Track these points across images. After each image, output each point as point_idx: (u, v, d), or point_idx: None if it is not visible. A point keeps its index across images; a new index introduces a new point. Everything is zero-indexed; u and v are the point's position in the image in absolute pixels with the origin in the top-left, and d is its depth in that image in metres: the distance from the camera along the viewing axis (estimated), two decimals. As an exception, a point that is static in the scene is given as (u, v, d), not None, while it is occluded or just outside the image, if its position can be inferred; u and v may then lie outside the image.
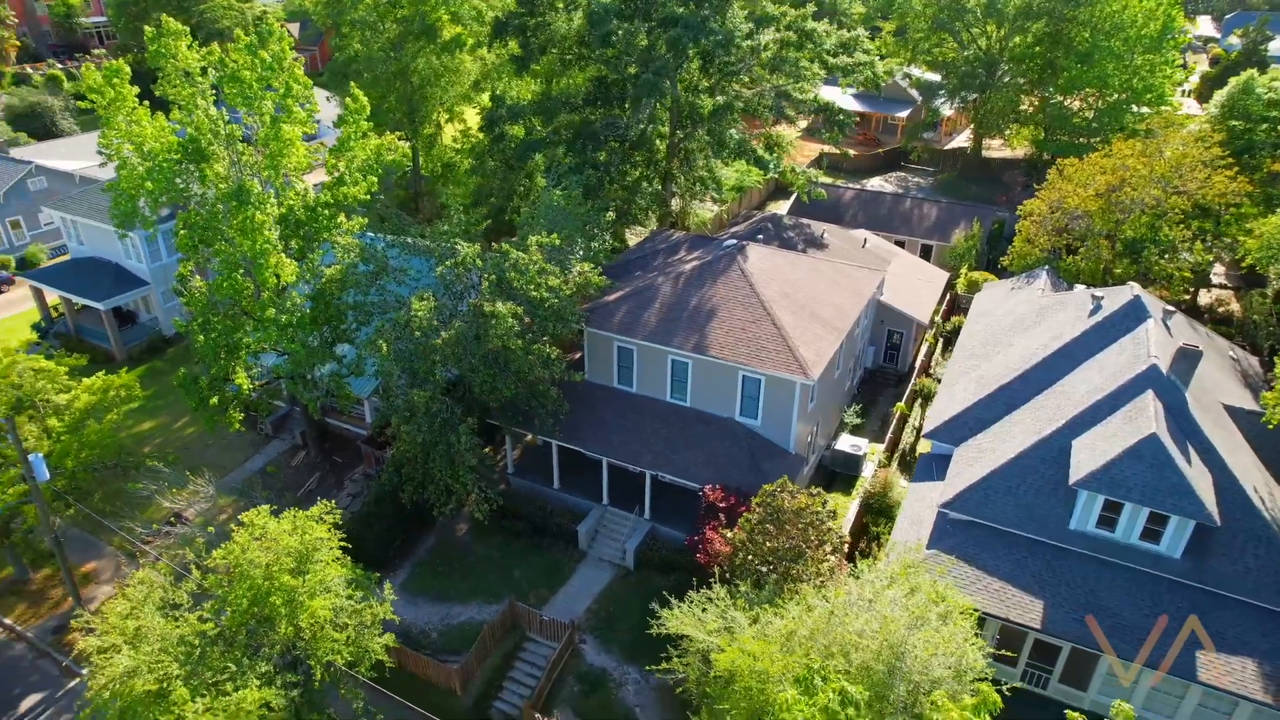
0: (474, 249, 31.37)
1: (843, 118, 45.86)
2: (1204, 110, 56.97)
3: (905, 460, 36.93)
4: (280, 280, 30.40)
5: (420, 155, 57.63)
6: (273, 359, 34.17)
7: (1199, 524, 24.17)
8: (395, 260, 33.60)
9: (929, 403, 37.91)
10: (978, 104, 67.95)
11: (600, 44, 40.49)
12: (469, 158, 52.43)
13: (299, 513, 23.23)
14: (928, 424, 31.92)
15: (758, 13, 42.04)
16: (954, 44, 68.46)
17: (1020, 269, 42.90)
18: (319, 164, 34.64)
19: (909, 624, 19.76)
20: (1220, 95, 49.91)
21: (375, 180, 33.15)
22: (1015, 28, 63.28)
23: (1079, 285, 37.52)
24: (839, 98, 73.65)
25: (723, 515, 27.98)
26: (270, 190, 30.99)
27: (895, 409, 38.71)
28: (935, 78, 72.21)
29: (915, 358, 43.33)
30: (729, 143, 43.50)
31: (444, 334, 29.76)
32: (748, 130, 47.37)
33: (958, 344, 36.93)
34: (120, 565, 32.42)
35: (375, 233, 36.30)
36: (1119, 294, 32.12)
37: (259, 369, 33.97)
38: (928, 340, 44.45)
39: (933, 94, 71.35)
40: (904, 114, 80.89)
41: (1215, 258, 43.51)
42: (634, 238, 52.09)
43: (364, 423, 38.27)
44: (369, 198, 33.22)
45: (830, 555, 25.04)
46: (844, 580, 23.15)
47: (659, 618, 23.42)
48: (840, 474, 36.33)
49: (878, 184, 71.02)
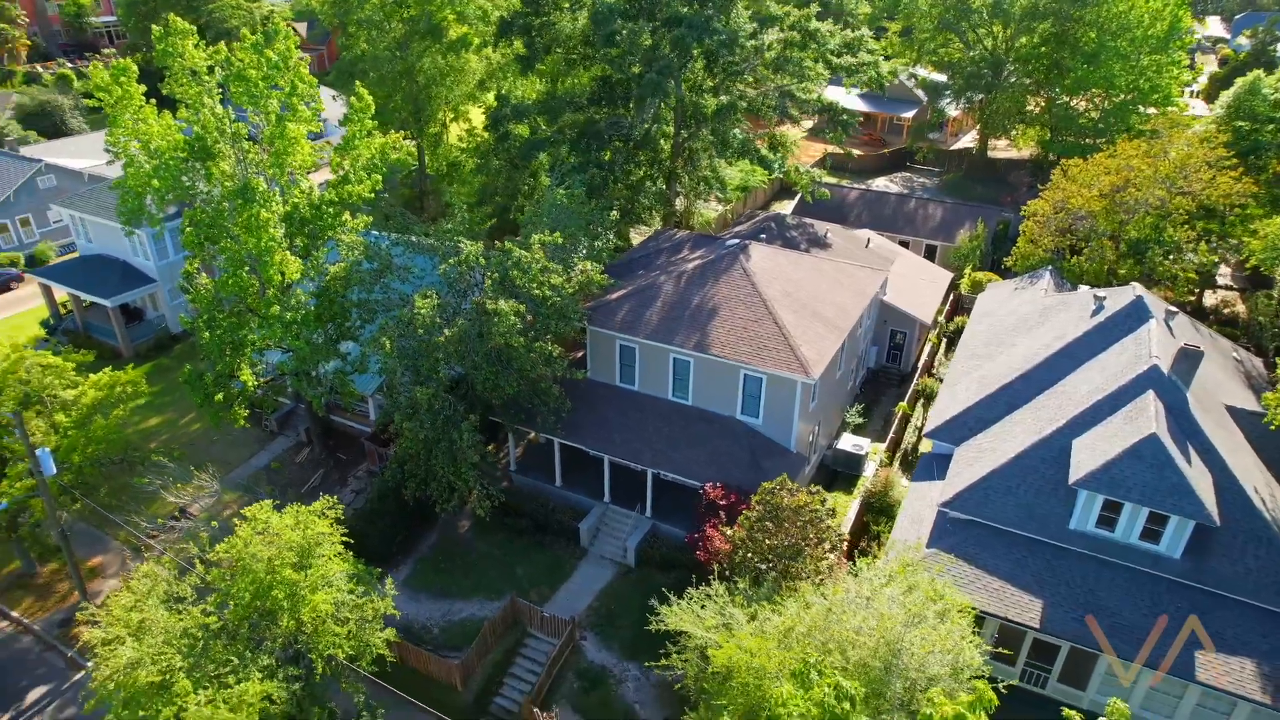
0: (477, 247, 31.56)
1: (846, 118, 45.91)
2: (1211, 111, 56.74)
3: (907, 460, 36.97)
4: (285, 278, 30.61)
5: (426, 154, 57.91)
6: (277, 356, 34.41)
7: (1199, 524, 24.16)
8: (399, 258, 33.85)
9: (931, 402, 37.93)
10: (983, 104, 67.80)
11: (604, 43, 40.62)
12: (474, 157, 52.64)
13: (301, 508, 23.43)
14: (929, 423, 31.96)
15: (762, 13, 42.07)
16: (960, 44, 68.35)
17: (1024, 269, 42.81)
18: (324, 162, 34.84)
19: (906, 621, 19.83)
20: (1226, 96, 49.77)
21: (380, 179, 33.35)
22: (1021, 28, 63.14)
23: (1083, 286, 37.47)
24: (844, 98, 73.70)
25: (723, 513, 28.08)
26: (275, 188, 31.23)
27: (897, 409, 38.73)
28: (941, 78, 72.09)
29: (918, 358, 43.33)
30: (733, 142, 43.58)
31: (447, 332, 29.95)
32: (752, 130, 47.42)
33: (960, 344, 36.94)
34: (126, 560, 32.74)
35: (380, 231, 36.53)
36: (1121, 294, 32.10)
37: (264, 366, 34.19)
38: (931, 340, 44.44)
39: (938, 94, 71.25)
40: (910, 114, 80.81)
41: (1220, 259, 43.38)
42: (638, 237, 52.22)
43: (368, 420, 38.49)
44: (373, 196, 33.43)
45: (829, 553, 25.12)
46: (843, 578, 23.22)
47: (658, 614, 23.58)
48: (842, 473, 36.39)
49: (883, 184, 70.96)
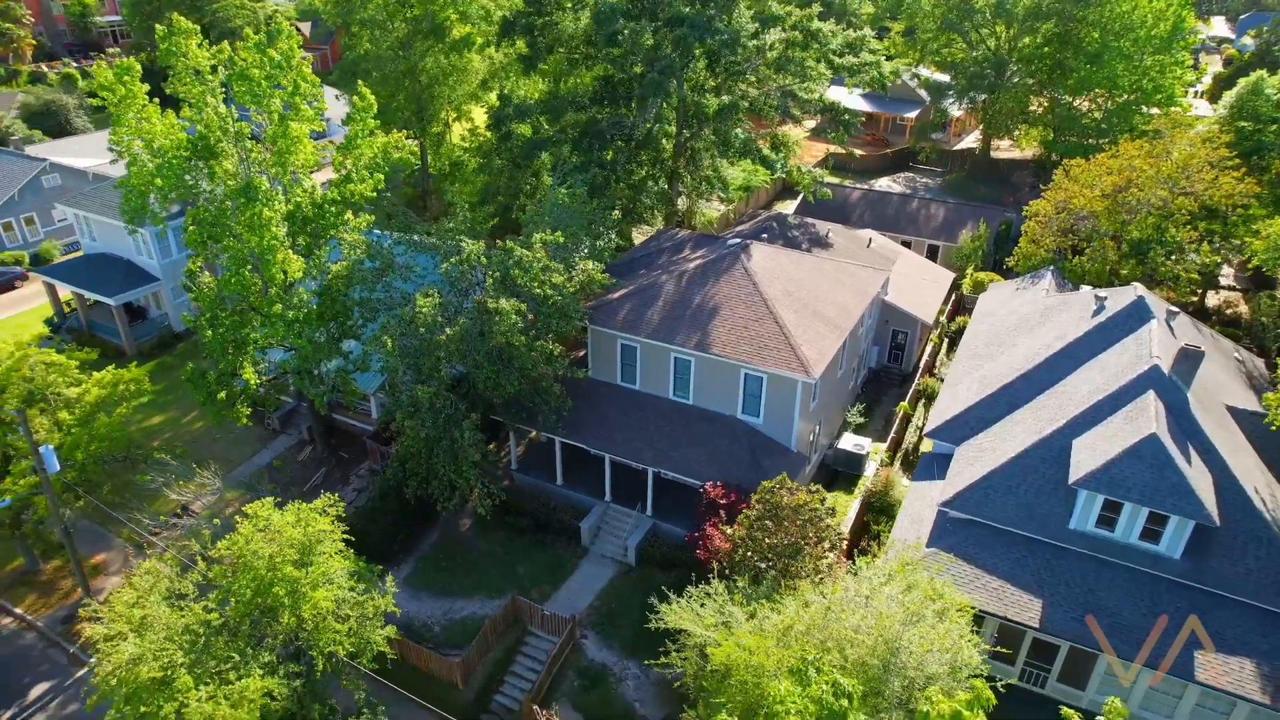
0: (479, 246, 31.65)
1: (848, 117, 45.95)
2: (1214, 111, 56.66)
3: (908, 459, 36.97)
4: (287, 276, 30.72)
5: (428, 153, 58.02)
6: (280, 354, 34.53)
7: (1199, 524, 24.15)
8: (401, 257, 33.94)
9: (932, 402, 37.92)
10: (986, 104, 67.74)
11: (607, 43, 40.70)
12: (476, 156, 52.78)
13: (302, 505, 23.52)
14: (930, 423, 31.97)
15: (764, 13, 42.11)
16: (963, 44, 68.28)
17: (1025, 270, 42.79)
18: (327, 161, 34.94)
19: (904, 620, 19.87)
20: (1229, 96, 49.70)
21: (382, 178, 33.46)
22: (1024, 28, 63.05)
23: (1084, 286, 37.44)
24: (847, 98, 73.66)
25: (723, 512, 28.13)
26: (278, 187, 31.34)
27: (898, 408, 38.74)
28: (944, 78, 72.04)
29: (920, 358, 43.34)
30: (734, 142, 43.63)
31: (448, 330, 30.03)
32: (754, 130, 47.45)
33: (961, 344, 36.94)
34: (129, 557, 32.87)
35: (382, 230, 36.62)
36: (1122, 294, 32.09)
37: (266, 364, 34.31)
38: (932, 340, 44.43)
39: (941, 94, 71.19)
40: (912, 114, 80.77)
41: (1223, 259, 43.31)
42: (640, 236, 52.29)
43: (370, 418, 38.59)
44: (375, 195, 33.54)
45: (828, 552, 25.16)
46: (842, 577, 23.26)
47: (658, 613, 23.64)
48: (843, 473, 36.41)
49: (885, 184, 70.93)
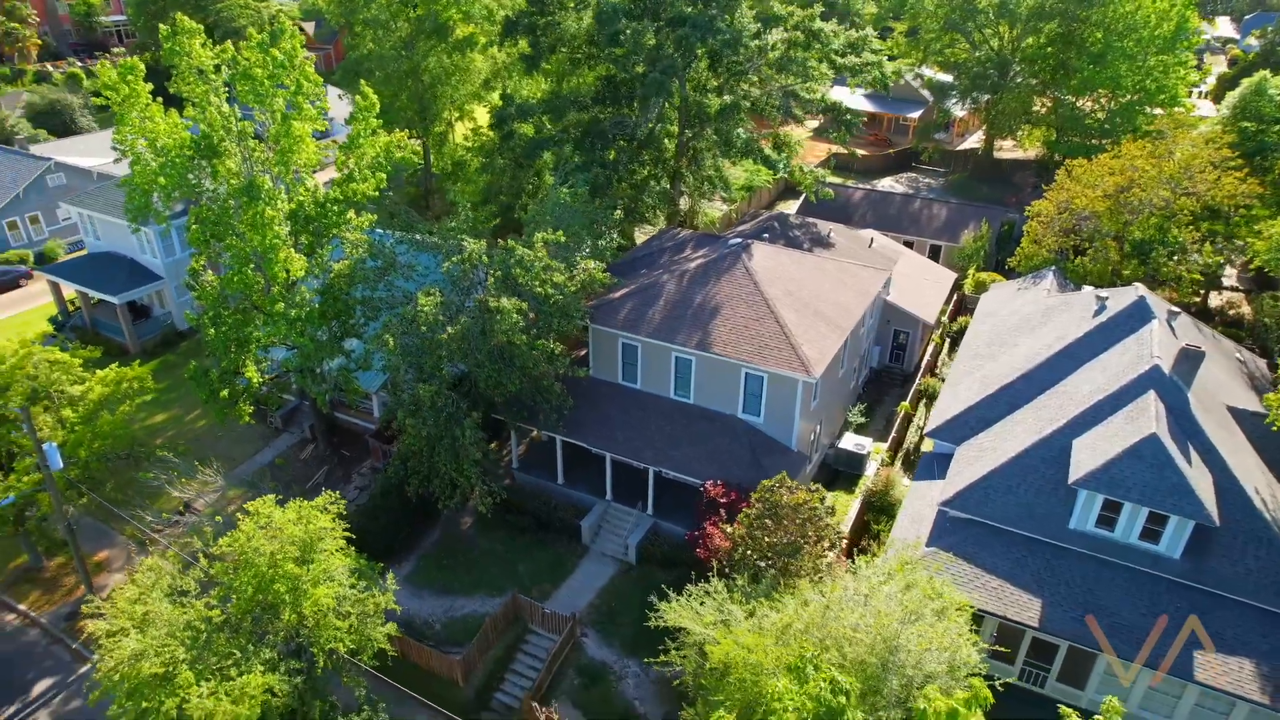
0: (480, 245, 31.72)
1: (850, 118, 45.94)
2: (1218, 111, 56.55)
3: (909, 459, 37.00)
4: (290, 275, 30.83)
5: (431, 153, 58.16)
6: (282, 353, 34.65)
7: (1198, 524, 24.15)
8: (403, 256, 34.03)
9: (933, 402, 37.91)
10: (989, 105, 67.70)
11: (609, 43, 40.77)
12: (479, 156, 52.87)
13: (304, 503, 23.61)
14: (930, 423, 31.99)
15: (766, 13, 42.15)
16: (966, 44, 68.22)
17: (1027, 270, 42.79)
18: (330, 161, 35.05)
19: (903, 619, 19.91)
20: (1232, 96, 49.62)
21: (384, 177, 33.57)
22: (1028, 28, 62.97)
23: (1086, 286, 37.42)
24: (851, 98, 73.67)
25: (723, 511, 28.18)
26: (281, 186, 31.45)
27: (899, 408, 38.78)
28: (947, 78, 71.97)
29: (921, 358, 43.35)
30: (736, 142, 43.66)
31: (450, 329, 30.12)
32: (756, 130, 47.48)
33: (962, 344, 36.95)
34: (131, 554, 33.01)
35: (384, 229, 36.72)
36: (1124, 295, 32.09)
37: (269, 363, 34.43)
38: (934, 340, 44.45)
39: (944, 95, 71.14)
40: (916, 114, 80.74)
41: (1225, 260, 43.24)
42: (643, 236, 52.35)
43: (372, 417, 38.71)
44: (378, 194, 33.65)
45: (828, 551, 25.19)
46: (841, 576, 23.30)
47: (658, 611, 23.71)
48: (844, 472, 36.44)
49: (888, 184, 70.91)
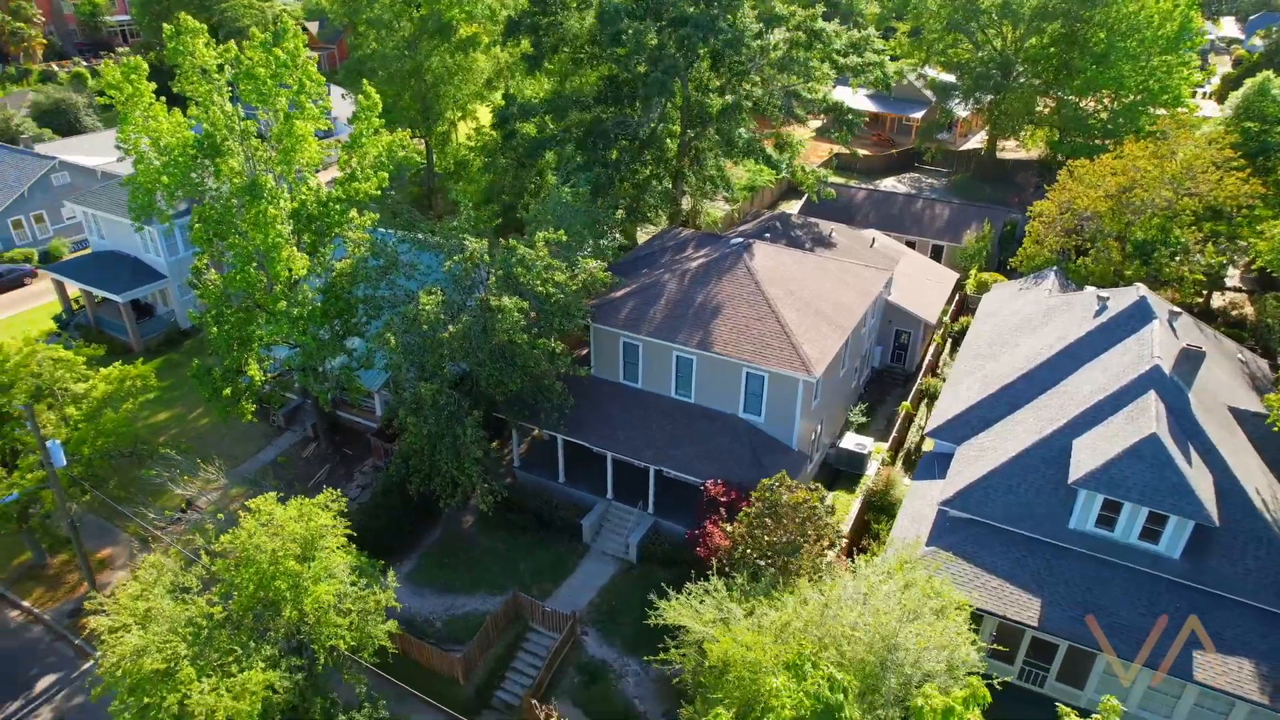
0: (482, 244, 31.80)
1: (851, 118, 45.93)
2: (1221, 112, 56.46)
3: (910, 459, 37.01)
4: (292, 274, 30.93)
5: (434, 152, 58.28)
6: (285, 351, 34.77)
7: (1198, 524, 24.15)
8: (405, 255, 34.13)
9: (934, 402, 37.93)
10: (992, 105, 67.63)
11: (611, 43, 40.81)
12: (481, 155, 52.97)
13: (305, 500, 23.72)
14: (931, 423, 32.01)
15: (768, 13, 42.18)
16: (969, 45, 68.17)
17: (1029, 270, 42.77)
18: (332, 160, 35.15)
19: (901, 617, 19.95)
20: (1235, 97, 49.54)
21: (386, 176, 33.65)
22: (1031, 29, 62.88)
23: (1088, 287, 37.40)
24: (854, 98, 73.59)
25: (723, 510, 28.23)
26: (283, 185, 31.55)
27: (901, 408, 38.80)
28: (950, 78, 71.94)
29: (923, 358, 43.36)
30: (738, 142, 43.69)
31: (451, 328, 30.21)
32: (758, 130, 47.52)
33: (964, 344, 36.95)
34: (134, 551, 33.14)
35: (386, 228, 36.83)
36: (1125, 295, 32.08)
37: (271, 361, 34.55)
38: (935, 340, 44.46)
39: (947, 95, 71.10)
40: (919, 115, 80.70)
41: (1228, 260, 43.17)
42: (645, 235, 52.40)
43: (374, 416, 38.82)
44: (380, 193, 33.74)
45: (827, 550, 25.23)
46: (840, 574, 23.34)
47: (658, 609, 23.78)
48: (845, 472, 36.47)
49: (891, 184, 70.89)
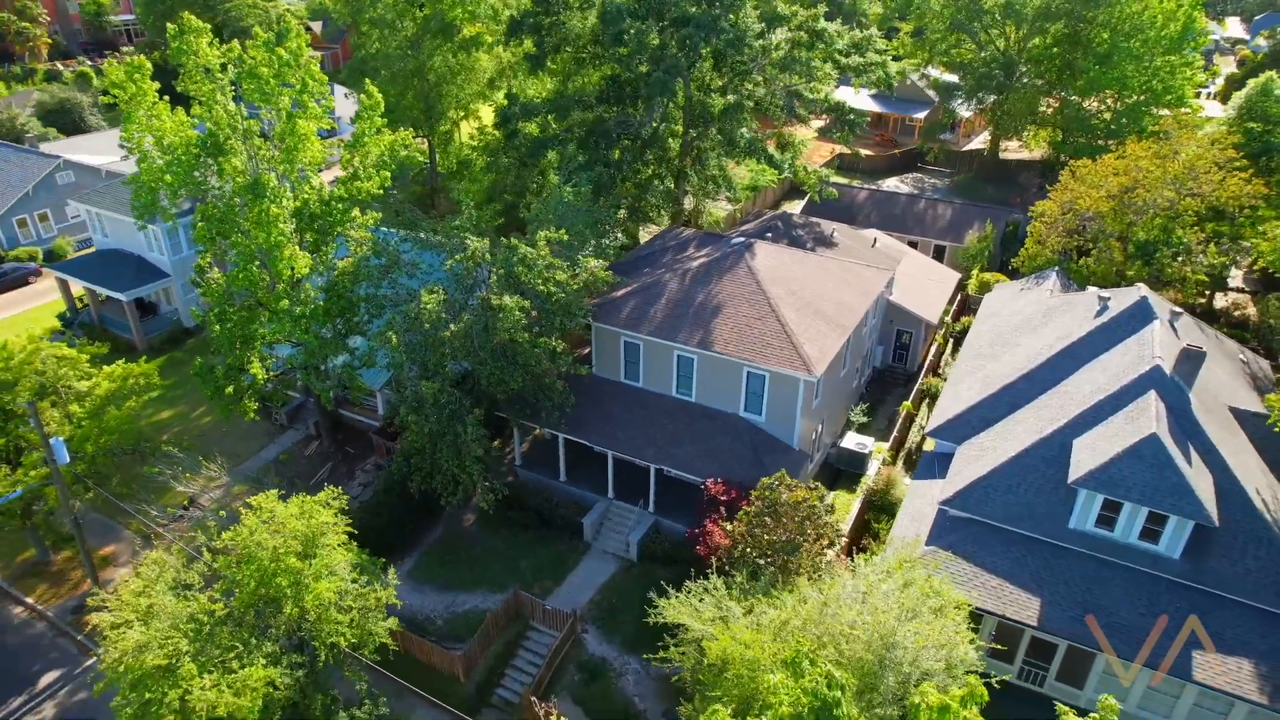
0: (483, 243, 31.88)
1: (853, 118, 45.94)
2: (1224, 112, 56.35)
3: (910, 459, 37.02)
4: (295, 272, 31.04)
5: (437, 152, 58.38)
6: (287, 350, 34.88)
7: (1198, 524, 24.15)
8: (407, 254, 34.22)
9: (936, 402, 37.96)
10: (995, 105, 67.60)
11: (613, 43, 40.87)
12: (484, 155, 53.07)
13: (306, 498, 23.81)
14: (931, 422, 32.04)
15: (770, 12, 42.22)
16: (972, 45, 68.14)
17: (1031, 270, 42.77)
18: (336, 160, 35.26)
19: (899, 616, 19.99)
20: (1238, 97, 49.48)
21: (388, 175, 33.76)
22: (1034, 29, 62.85)
23: (1090, 287, 37.39)
24: (857, 98, 73.61)
25: (724, 509, 28.28)
26: (286, 184, 31.67)
27: (902, 408, 38.82)
28: (953, 79, 71.93)
29: (924, 357, 43.36)
30: (740, 142, 43.73)
31: (453, 327, 30.30)
32: (761, 130, 47.58)
33: (965, 344, 36.97)
34: (137, 549, 33.27)
35: (389, 227, 36.94)
36: (1126, 295, 32.08)
37: (274, 359, 34.67)
38: (937, 340, 44.46)
39: (950, 95, 71.07)
40: (921, 115, 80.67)
41: (1231, 261, 43.12)
42: (647, 235, 52.48)
43: (376, 414, 38.94)
44: (382, 192, 33.84)
45: (827, 549, 25.27)
46: (840, 573, 23.39)
47: (658, 607, 23.84)
48: (845, 472, 36.51)
49: (893, 184, 70.90)
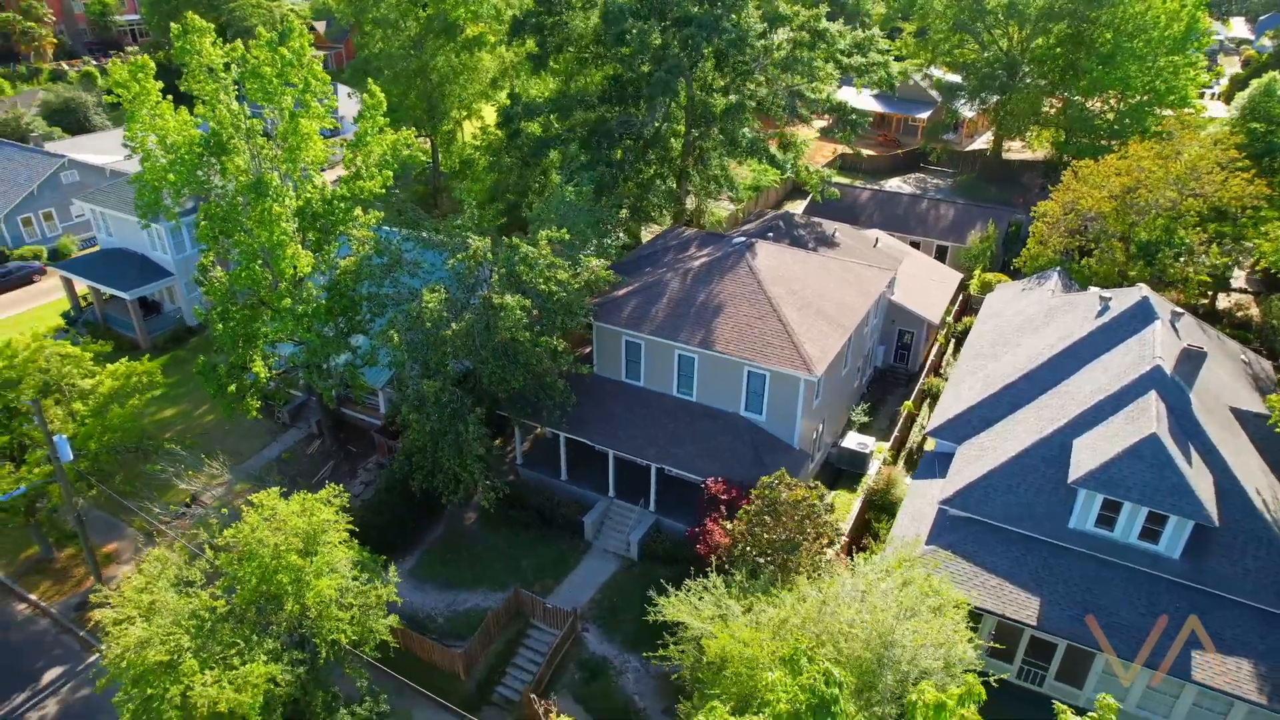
0: (485, 242, 31.97)
1: (855, 117, 45.95)
2: (1228, 112, 56.25)
3: (911, 458, 37.03)
4: (297, 271, 31.14)
5: (439, 152, 58.50)
6: (289, 348, 35.00)
7: (1198, 524, 24.14)
8: (409, 253, 34.31)
9: (937, 402, 37.97)
10: (998, 105, 67.54)
11: (615, 42, 40.94)
12: (486, 154, 53.18)
13: (307, 495, 23.92)
14: (932, 422, 32.05)
15: (771, 12, 42.25)
16: (975, 45, 68.07)
17: (1032, 271, 42.75)
18: (339, 159, 35.35)
19: (898, 614, 20.03)
20: (1241, 97, 49.40)
21: (391, 175, 33.85)
22: (1037, 29, 62.77)
23: (1092, 287, 37.37)
24: (860, 98, 73.56)
25: (724, 508, 28.33)
26: (288, 183, 31.79)
27: (903, 408, 38.84)
28: (956, 79, 71.87)
29: (926, 358, 43.37)
30: (741, 141, 43.77)
31: (454, 325, 30.39)
32: (763, 130, 47.61)
33: (966, 344, 36.98)
34: (139, 546, 33.42)
35: (391, 226, 37.04)
36: (1127, 295, 32.07)
37: (276, 358, 34.78)
38: (939, 340, 44.46)
39: (953, 95, 71.03)
40: (924, 115, 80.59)
41: (1233, 261, 43.06)
42: (649, 235, 52.52)
43: (378, 413, 39.05)
44: (385, 192, 33.93)
45: (826, 548, 25.31)
46: (839, 572, 23.43)
47: (657, 606, 23.90)
48: (846, 471, 36.54)
49: (896, 185, 70.89)
